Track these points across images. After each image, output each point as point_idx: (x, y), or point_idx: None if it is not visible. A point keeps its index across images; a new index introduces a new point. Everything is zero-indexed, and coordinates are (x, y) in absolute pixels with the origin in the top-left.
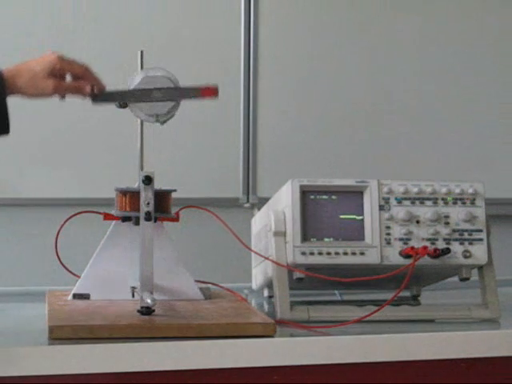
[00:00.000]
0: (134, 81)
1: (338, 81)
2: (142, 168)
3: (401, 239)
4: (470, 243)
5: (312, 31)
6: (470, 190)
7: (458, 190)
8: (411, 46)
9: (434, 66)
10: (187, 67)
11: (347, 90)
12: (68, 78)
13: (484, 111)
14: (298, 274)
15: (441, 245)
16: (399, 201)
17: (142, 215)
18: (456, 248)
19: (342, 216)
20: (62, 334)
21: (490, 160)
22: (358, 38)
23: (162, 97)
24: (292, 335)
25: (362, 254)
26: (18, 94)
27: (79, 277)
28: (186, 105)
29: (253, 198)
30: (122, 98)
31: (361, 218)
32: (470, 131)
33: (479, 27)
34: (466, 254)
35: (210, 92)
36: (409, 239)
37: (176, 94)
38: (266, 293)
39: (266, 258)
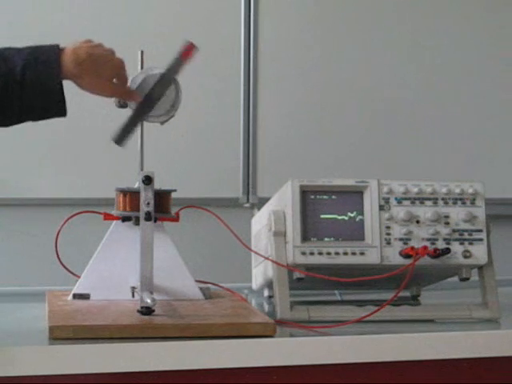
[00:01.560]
0: (135, 81)
1: (339, 80)
2: (142, 168)
3: (401, 239)
4: (470, 243)
5: (312, 31)
6: (470, 190)
7: (457, 190)
8: (412, 46)
9: (434, 66)
10: (187, 67)
11: (347, 90)
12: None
13: (484, 111)
14: (298, 274)
15: (441, 245)
16: (399, 201)
17: (142, 215)
18: (456, 248)
19: (341, 216)
20: (62, 334)
21: (490, 160)
22: (359, 38)
23: (162, 89)
24: (292, 335)
25: (362, 254)
26: (75, 83)
27: (79, 277)
28: (186, 105)
29: (253, 198)
30: (136, 122)
31: (361, 218)
32: (470, 131)
33: (479, 27)
34: (466, 254)
35: (189, 50)
36: (409, 239)
37: (168, 76)
38: (266, 293)
39: (266, 258)
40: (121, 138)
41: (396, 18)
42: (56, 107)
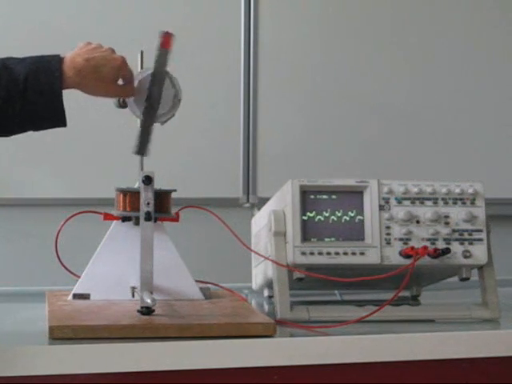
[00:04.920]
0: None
1: (339, 81)
2: (142, 168)
3: (401, 239)
4: (470, 243)
5: (312, 31)
6: (470, 190)
7: (457, 190)
8: (412, 47)
9: (434, 66)
10: (187, 67)
11: (347, 90)
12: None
13: (484, 111)
14: (297, 274)
15: (441, 245)
16: (399, 201)
17: (142, 215)
18: (456, 248)
19: (341, 216)
20: (62, 334)
21: (490, 160)
22: (358, 39)
23: (159, 86)
24: (292, 335)
25: (362, 254)
26: (79, 90)
27: (79, 277)
28: (185, 105)
29: (253, 198)
30: (149, 127)
31: (361, 218)
32: (470, 131)
33: (479, 27)
34: (466, 254)
35: (167, 39)
36: (409, 239)
37: (159, 71)
38: (266, 293)
39: (266, 258)
40: (141, 147)
41: (395, 20)
42: (57, 117)
